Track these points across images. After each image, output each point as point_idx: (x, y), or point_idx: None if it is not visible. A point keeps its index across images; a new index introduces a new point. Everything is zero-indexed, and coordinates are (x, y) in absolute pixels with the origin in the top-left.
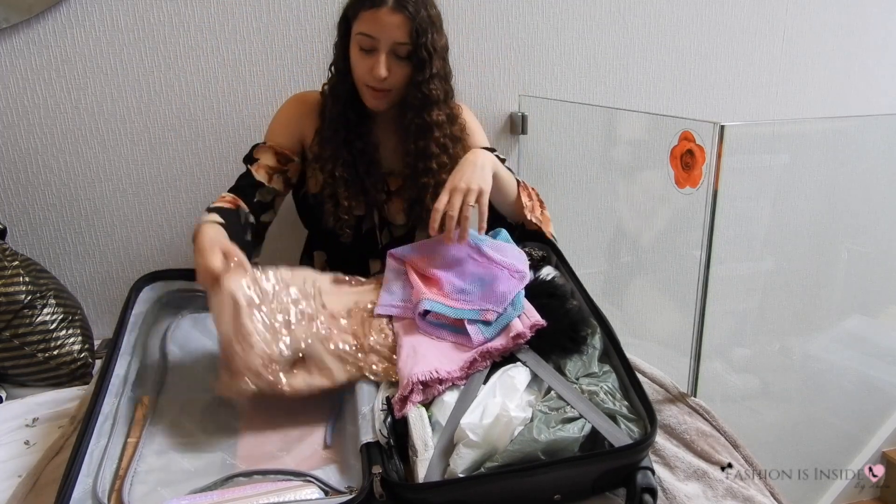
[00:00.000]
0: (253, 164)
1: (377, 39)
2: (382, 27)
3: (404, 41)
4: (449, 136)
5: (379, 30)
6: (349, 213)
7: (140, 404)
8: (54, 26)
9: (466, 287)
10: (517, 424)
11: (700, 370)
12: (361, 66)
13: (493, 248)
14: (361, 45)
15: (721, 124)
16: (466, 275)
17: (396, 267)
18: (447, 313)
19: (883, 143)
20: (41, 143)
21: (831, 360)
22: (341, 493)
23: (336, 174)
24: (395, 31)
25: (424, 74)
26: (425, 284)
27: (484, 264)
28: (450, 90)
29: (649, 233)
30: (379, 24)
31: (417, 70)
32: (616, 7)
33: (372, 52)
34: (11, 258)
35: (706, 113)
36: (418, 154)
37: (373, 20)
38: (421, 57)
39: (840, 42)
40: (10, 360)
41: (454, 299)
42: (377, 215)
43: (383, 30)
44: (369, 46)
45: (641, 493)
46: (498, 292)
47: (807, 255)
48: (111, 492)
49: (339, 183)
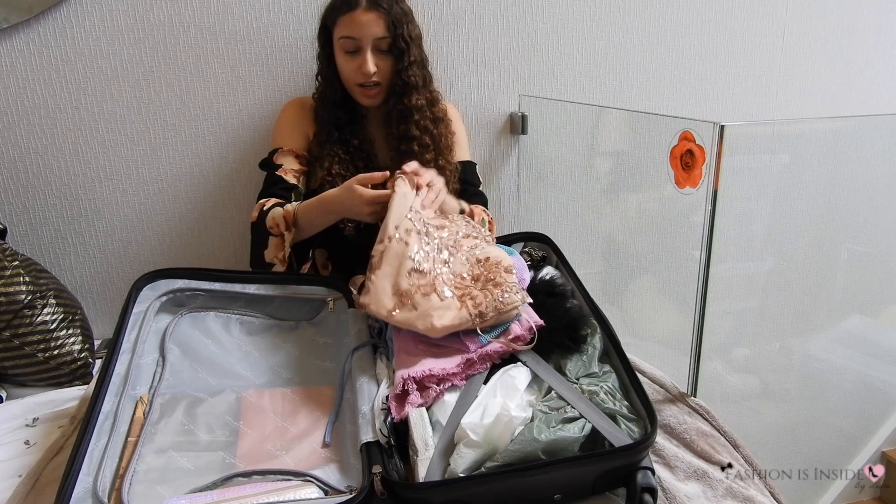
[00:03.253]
0: (279, 170)
1: (359, 39)
2: (361, 26)
3: (384, 35)
4: (430, 118)
5: (359, 30)
6: None
7: (140, 402)
8: (54, 26)
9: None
10: (517, 424)
11: (700, 370)
12: (349, 67)
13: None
14: (345, 48)
15: (721, 124)
16: None
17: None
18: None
19: (883, 143)
20: (41, 143)
21: (831, 360)
22: (341, 493)
23: (333, 171)
24: (373, 27)
25: (404, 62)
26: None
27: None
28: (428, 76)
29: (649, 233)
30: (358, 25)
31: (398, 59)
32: (616, 7)
33: (357, 53)
34: (11, 258)
35: (706, 113)
36: (401, 137)
37: (351, 22)
38: (400, 47)
39: (840, 42)
40: (10, 360)
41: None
42: None
43: (363, 28)
44: (353, 48)
45: (641, 493)
46: None
47: (807, 255)
48: (111, 491)
49: (338, 179)
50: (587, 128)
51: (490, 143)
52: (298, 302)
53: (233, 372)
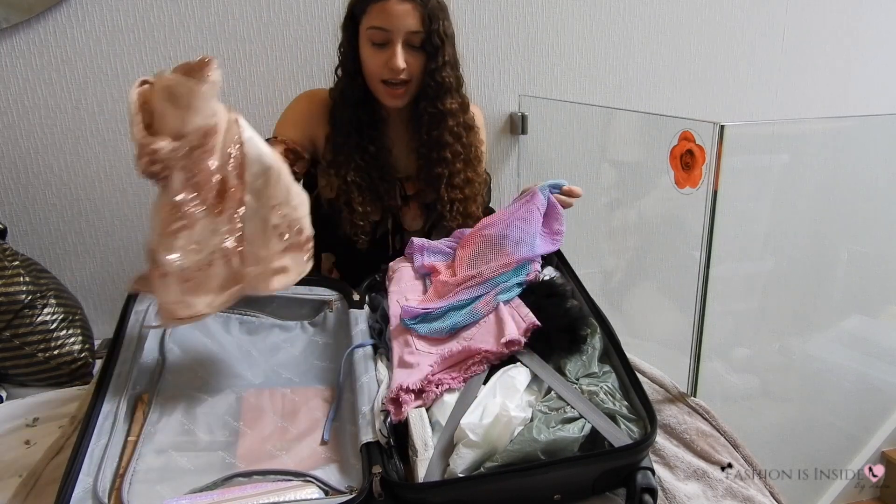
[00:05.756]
0: None
1: (390, 31)
2: (394, 17)
3: (417, 29)
4: (462, 124)
5: (391, 20)
6: (365, 219)
7: (140, 402)
8: (54, 26)
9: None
10: (517, 424)
11: (700, 370)
12: (376, 61)
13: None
14: (374, 39)
15: (721, 124)
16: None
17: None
18: (432, 331)
19: (883, 143)
20: (41, 143)
21: (831, 360)
22: (341, 493)
23: (349, 179)
24: (407, 19)
25: (438, 62)
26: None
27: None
28: (461, 78)
29: (649, 233)
30: (390, 15)
31: (431, 58)
32: (616, 7)
33: (385, 46)
34: (12, 258)
35: (706, 113)
36: (432, 144)
37: (383, 11)
38: (434, 44)
39: (840, 42)
40: (10, 360)
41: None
42: (391, 220)
43: (395, 20)
44: (382, 39)
45: (641, 493)
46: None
47: (807, 255)
48: (111, 491)
49: (353, 188)
50: (587, 128)
51: (490, 143)
52: (298, 302)
53: (233, 372)
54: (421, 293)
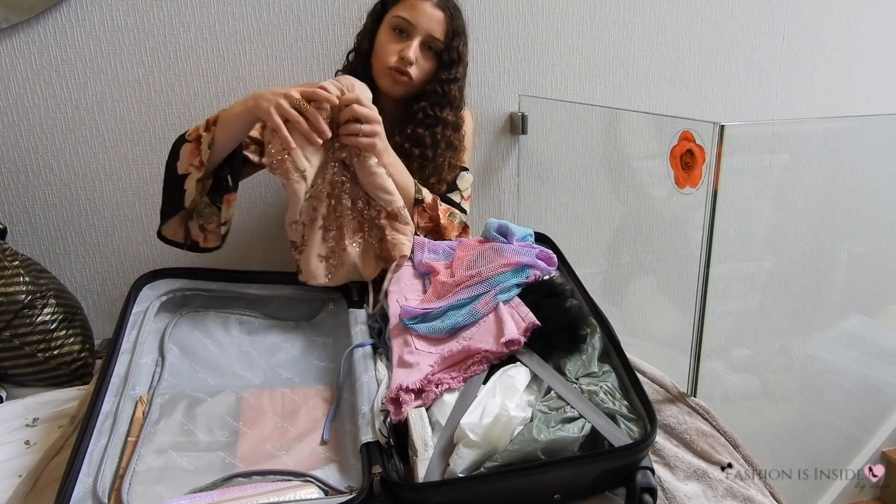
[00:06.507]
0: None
1: (415, 26)
2: (423, 16)
3: (440, 37)
4: (448, 137)
5: (419, 17)
6: None
7: (140, 402)
8: (54, 26)
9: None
10: (517, 424)
11: (700, 370)
12: (390, 47)
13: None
14: (396, 26)
15: (721, 124)
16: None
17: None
18: (432, 331)
19: (883, 143)
20: (41, 143)
21: (831, 360)
22: (341, 493)
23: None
24: (433, 24)
25: (449, 74)
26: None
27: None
28: (463, 99)
29: (649, 232)
30: (420, 13)
31: (444, 68)
32: (616, 7)
33: (404, 37)
34: (11, 258)
35: (706, 113)
36: (411, 138)
37: (415, 7)
38: (451, 58)
39: (840, 42)
40: (10, 360)
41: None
42: None
43: (424, 18)
44: (404, 28)
45: (641, 492)
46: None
47: (807, 255)
48: (111, 491)
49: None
50: (587, 128)
51: (490, 143)
52: (298, 302)
53: (232, 372)
54: (420, 293)
